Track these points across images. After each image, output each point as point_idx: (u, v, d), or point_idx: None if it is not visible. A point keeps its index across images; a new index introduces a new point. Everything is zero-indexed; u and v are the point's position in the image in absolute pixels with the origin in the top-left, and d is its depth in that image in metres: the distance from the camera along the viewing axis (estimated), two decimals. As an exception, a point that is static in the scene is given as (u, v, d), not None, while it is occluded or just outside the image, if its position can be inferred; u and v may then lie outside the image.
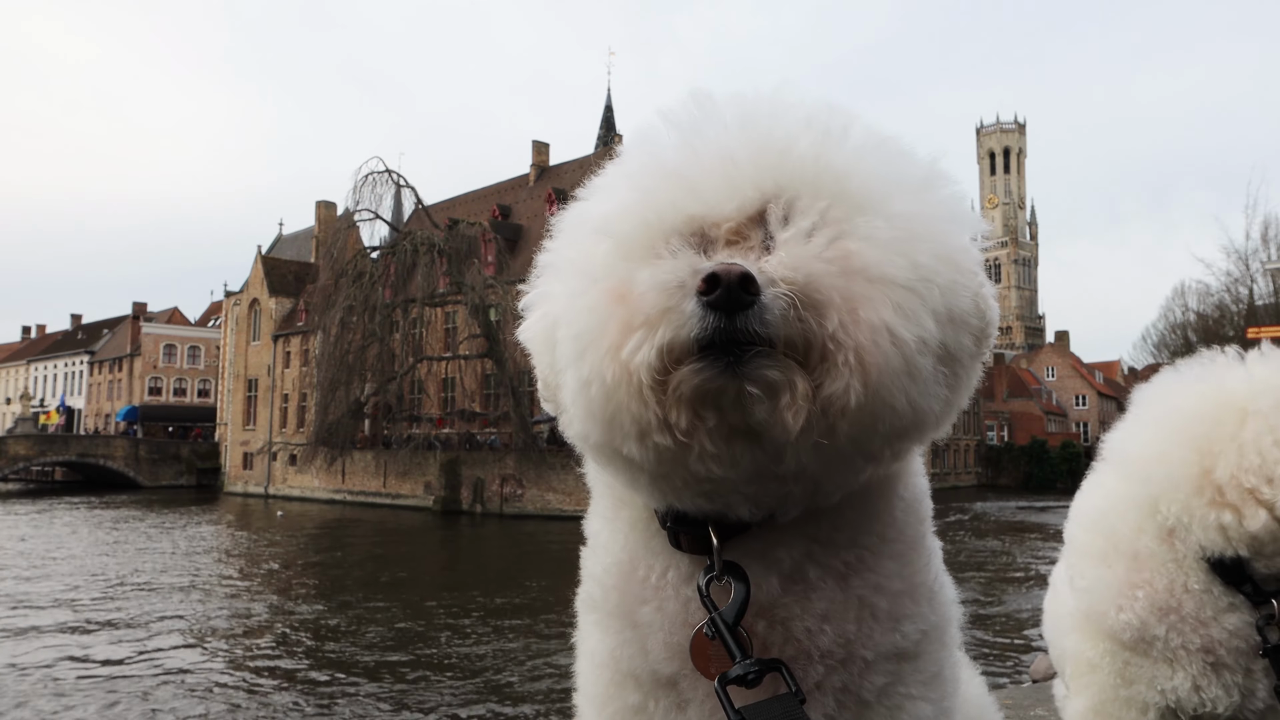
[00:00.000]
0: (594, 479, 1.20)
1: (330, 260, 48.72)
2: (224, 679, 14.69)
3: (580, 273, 0.99)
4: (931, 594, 1.12)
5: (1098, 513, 1.85)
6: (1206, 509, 1.58)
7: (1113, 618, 1.71)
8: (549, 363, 1.05)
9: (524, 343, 1.11)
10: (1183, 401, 1.66)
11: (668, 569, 1.08)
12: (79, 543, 32.34)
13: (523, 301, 1.12)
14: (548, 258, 1.09)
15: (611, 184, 1.06)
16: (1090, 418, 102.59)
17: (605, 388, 0.92)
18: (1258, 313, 57.58)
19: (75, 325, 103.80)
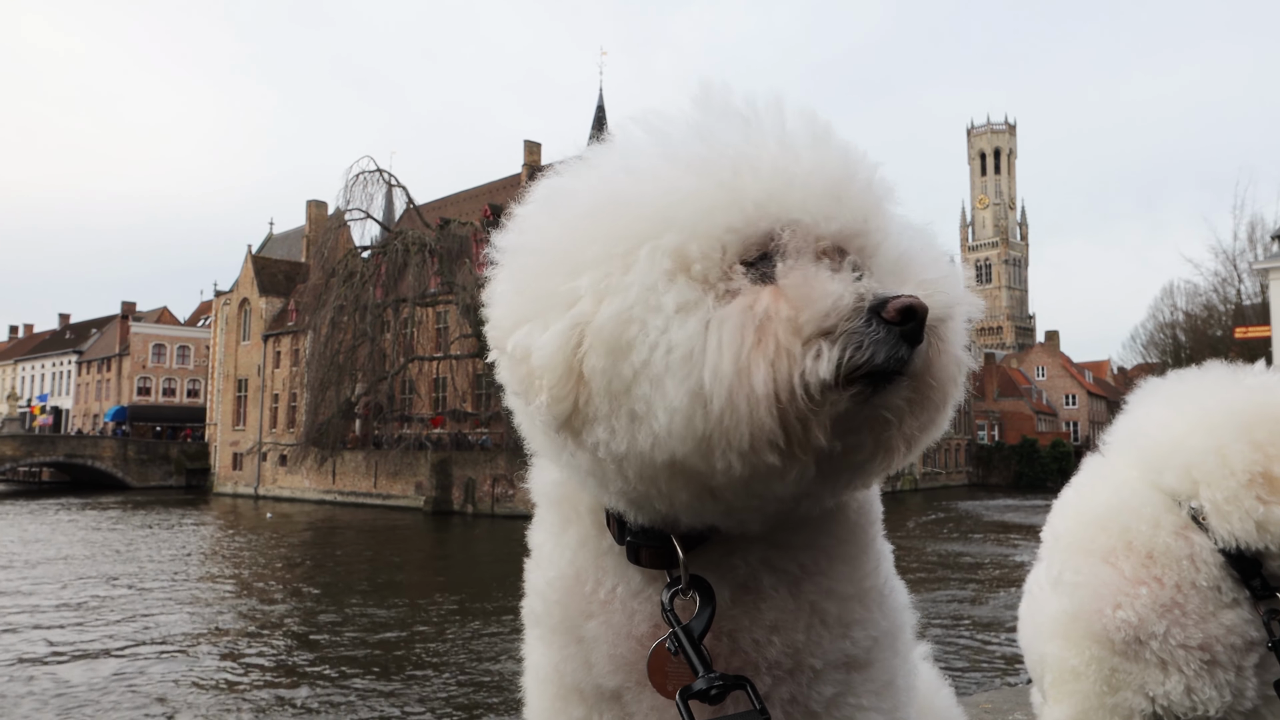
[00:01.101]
0: (541, 492, 1.19)
1: (321, 260, 48.58)
2: (212, 680, 14.63)
3: (648, 268, 0.89)
4: (882, 598, 1.10)
5: (1105, 507, 1.84)
6: (1255, 502, 1.60)
7: (1108, 616, 1.70)
8: (603, 372, 0.89)
9: (520, 353, 0.95)
10: (1237, 401, 1.70)
11: (617, 584, 1.06)
12: (64, 544, 32.15)
13: (500, 300, 1.00)
14: (546, 244, 0.98)
15: (652, 168, 0.95)
16: (1080, 417, 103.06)
17: (732, 400, 0.84)
18: (1245, 312, 57.98)
19: (63, 325, 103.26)
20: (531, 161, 58.86)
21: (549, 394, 0.91)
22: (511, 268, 1.02)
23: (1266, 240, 54.46)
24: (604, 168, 1.03)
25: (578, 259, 0.94)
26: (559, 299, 0.93)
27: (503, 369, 1.00)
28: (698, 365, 0.85)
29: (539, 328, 0.93)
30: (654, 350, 0.86)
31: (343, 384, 46.03)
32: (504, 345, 0.97)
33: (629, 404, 0.88)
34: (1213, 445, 1.66)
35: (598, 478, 0.96)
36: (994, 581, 25.09)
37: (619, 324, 0.88)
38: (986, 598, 22.60)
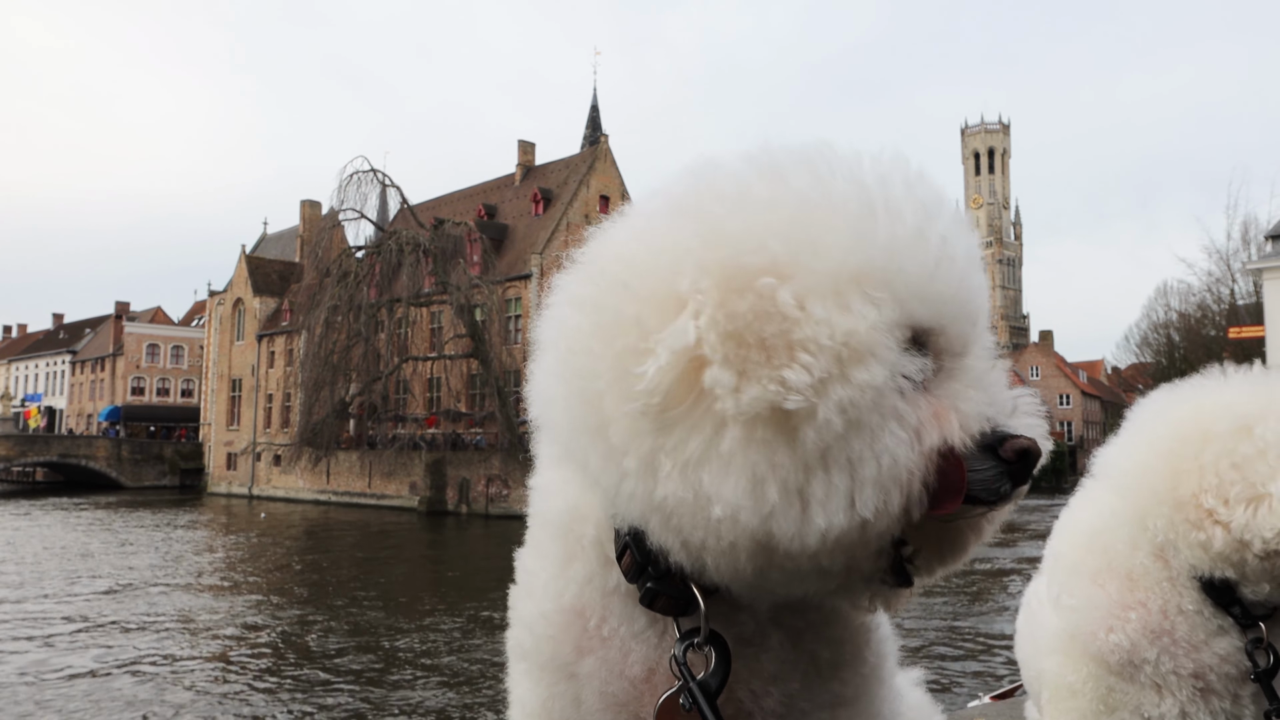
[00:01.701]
0: (546, 519, 1.09)
1: (315, 260, 48.54)
2: (204, 681, 14.60)
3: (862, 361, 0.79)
4: (869, 635, 1.07)
5: (1091, 529, 1.82)
6: (1187, 527, 1.58)
7: (1102, 639, 1.69)
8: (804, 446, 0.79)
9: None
10: (1168, 419, 1.68)
11: (620, 624, 1.02)
12: (57, 544, 32.06)
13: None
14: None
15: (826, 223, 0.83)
16: (1074, 417, 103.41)
17: (887, 505, 0.80)
18: (1239, 312, 58.20)
19: (57, 324, 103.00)
20: (525, 161, 58.84)
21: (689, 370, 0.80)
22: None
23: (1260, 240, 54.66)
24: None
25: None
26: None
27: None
28: (883, 462, 0.80)
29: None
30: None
31: (337, 384, 46.01)
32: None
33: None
34: (1143, 469, 1.65)
35: (660, 512, 0.84)
36: (985, 587, 25.13)
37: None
38: (978, 605, 22.65)
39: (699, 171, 0.91)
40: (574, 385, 0.86)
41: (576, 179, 52.86)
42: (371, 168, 47.41)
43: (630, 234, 0.91)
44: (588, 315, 0.86)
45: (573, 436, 0.88)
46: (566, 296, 0.91)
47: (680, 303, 0.80)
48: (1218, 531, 1.54)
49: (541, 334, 0.93)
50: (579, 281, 0.90)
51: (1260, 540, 1.50)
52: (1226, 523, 1.53)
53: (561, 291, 0.92)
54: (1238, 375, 1.69)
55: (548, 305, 0.94)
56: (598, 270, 0.89)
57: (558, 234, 50.66)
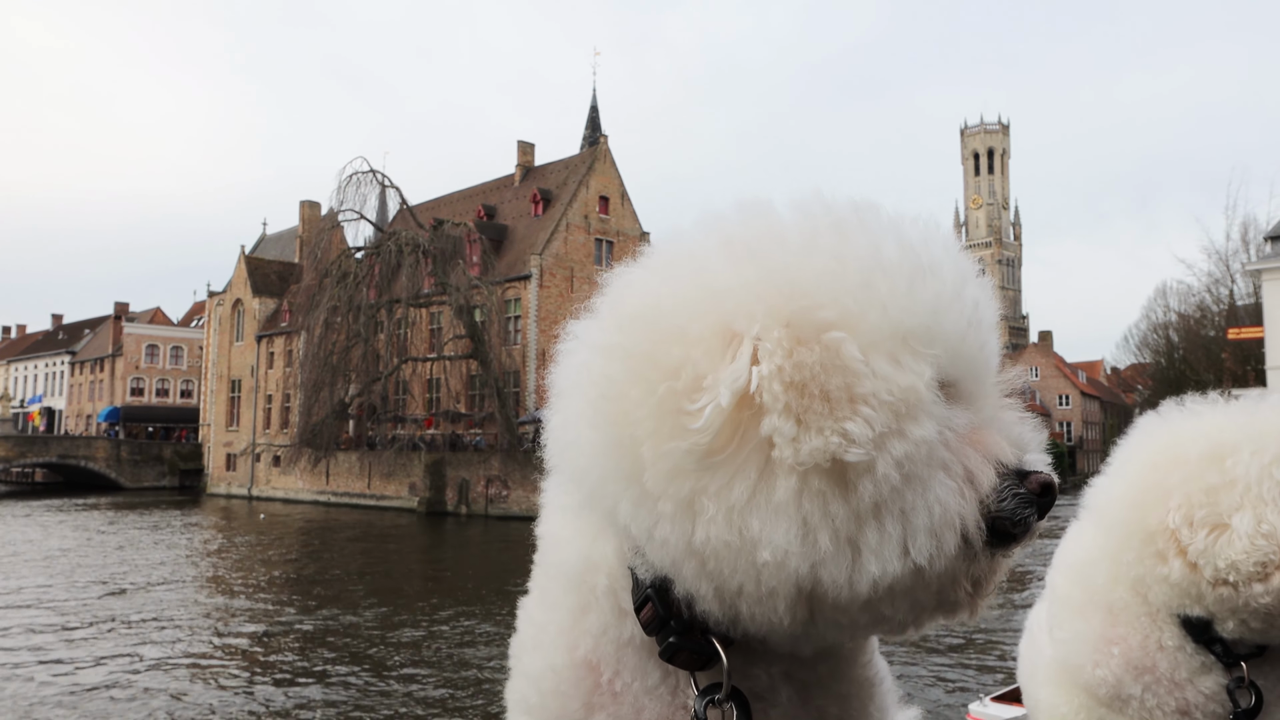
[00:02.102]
0: (558, 568, 1.04)
1: (314, 260, 48.53)
2: (204, 681, 14.60)
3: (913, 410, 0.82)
4: (874, 689, 1.06)
5: (1077, 562, 1.81)
6: (1154, 560, 1.55)
7: (1089, 672, 1.67)
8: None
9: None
10: (1142, 447, 1.66)
11: (634, 679, 0.99)
12: (56, 544, 32.06)
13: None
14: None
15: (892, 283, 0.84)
16: (1074, 417, 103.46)
17: (943, 550, 0.82)
18: (1238, 313, 58.22)
19: (56, 325, 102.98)
20: (525, 162, 58.87)
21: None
22: None
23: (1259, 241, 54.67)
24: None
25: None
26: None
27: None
28: (934, 511, 0.81)
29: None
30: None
31: (336, 385, 46.00)
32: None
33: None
34: (1132, 496, 1.61)
35: (696, 556, 0.83)
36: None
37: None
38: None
39: (752, 213, 0.90)
40: (607, 432, 0.84)
41: (576, 179, 52.88)
42: (371, 168, 47.44)
43: (670, 273, 0.88)
44: (620, 361, 0.84)
45: (602, 483, 0.86)
46: (590, 344, 0.89)
47: (734, 344, 0.80)
48: (1177, 563, 1.51)
49: (561, 382, 0.92)
50: (606, 330, 0.88)
51: (1212, 568, 1.47)
52: (1185, 548, 1.50)
53: (581, 339, 0.91)
54: (1225, 402, 1.64)
55: (563, 353, 0.93)
56: (628, 317, 0.86)
57: (557, 234, 50.68)
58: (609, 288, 0.93)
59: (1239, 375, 52.61)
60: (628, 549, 0.92)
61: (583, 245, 51.90)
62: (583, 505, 0.95)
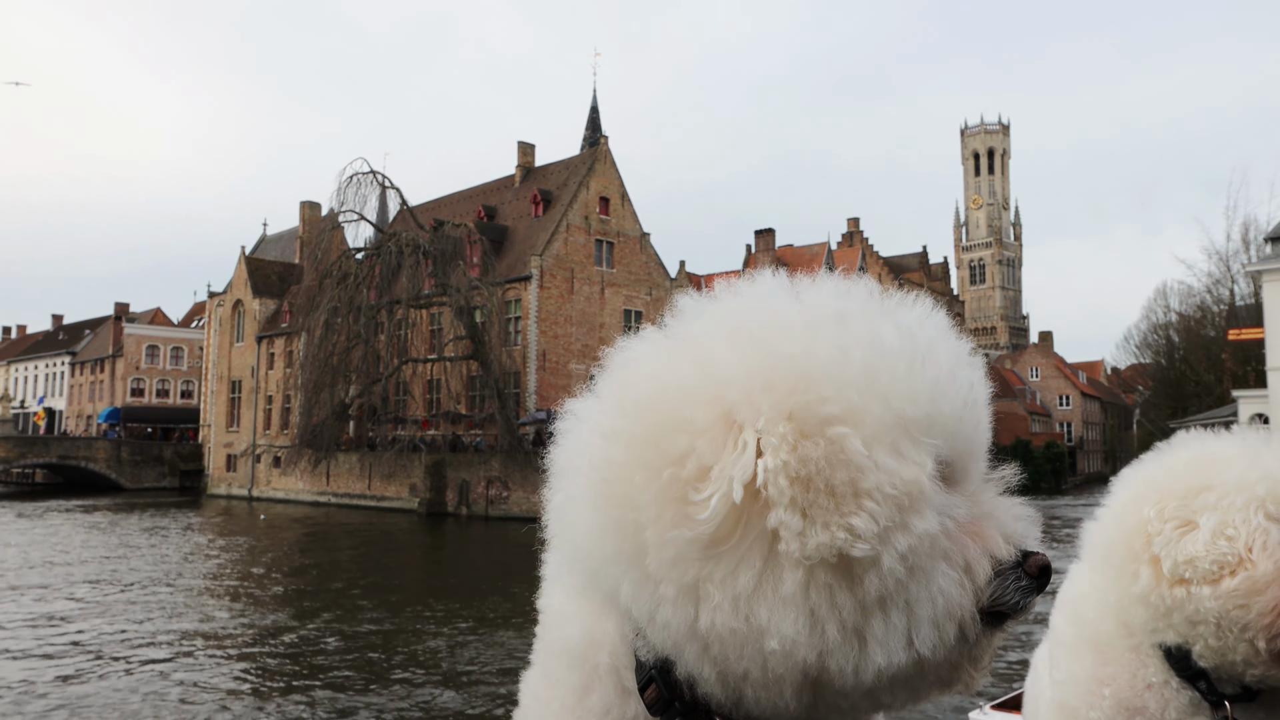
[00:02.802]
0: (559, 646, 1.04)
1: (314, 261, 48.55)
2: (199, 683, 14.59)
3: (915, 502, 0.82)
4: None
5: (1070, 600, 1.80)
6: (1129, 579, 1.54)
7: (1084, 715, 1.65)
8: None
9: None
10: (1132, 476, 1.65)
11: None
12: (58, 546, 32.07)
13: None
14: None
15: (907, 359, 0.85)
16: (1074, 418, 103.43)
17: (943, 638, 0.83)
18: (1238, 313, 58.24)
19: (56, 325, 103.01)
20: (525, 163, 58.90)
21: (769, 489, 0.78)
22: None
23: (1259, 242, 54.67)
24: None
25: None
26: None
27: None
28: (938, 602, 0.82)
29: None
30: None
31: (336, 386, 46.01)
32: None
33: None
34: (1115, 524, 1.60)
35: (699, 641, 0.83)
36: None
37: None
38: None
39: (758, 296, 0.90)
40: (608, 514, 0.84)
41: (576, 180, 52.89)
42: (371, 169, 47.43)
43: (674, 357, 0.86)
44: (624, 446, 0.83)
45: (603, 565, 0.86)
46: (592, 426, 0.87)
47: (738, 435, 0.80)
48: (1146, 570, 1.50)
49: (561, 462, 0.91)
50: (609, 413, 0.87)
51: (1171, 562, 1.47)
52: (1151, 540, 1.50)
53: (582, 420, 0.89)
54: (1225, 435, 1.61)
55: (563, 432, 0.91)
56: (632, 401, 0.85)
57: (557, 235, 50.70)
58: (612, 365, 0.91)
59: (1239, 376, 52.62)
60: (629, 629, 0.92)
61: (583, 246, 51.91)
62: (585, 585, 0.94)
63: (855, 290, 0.91)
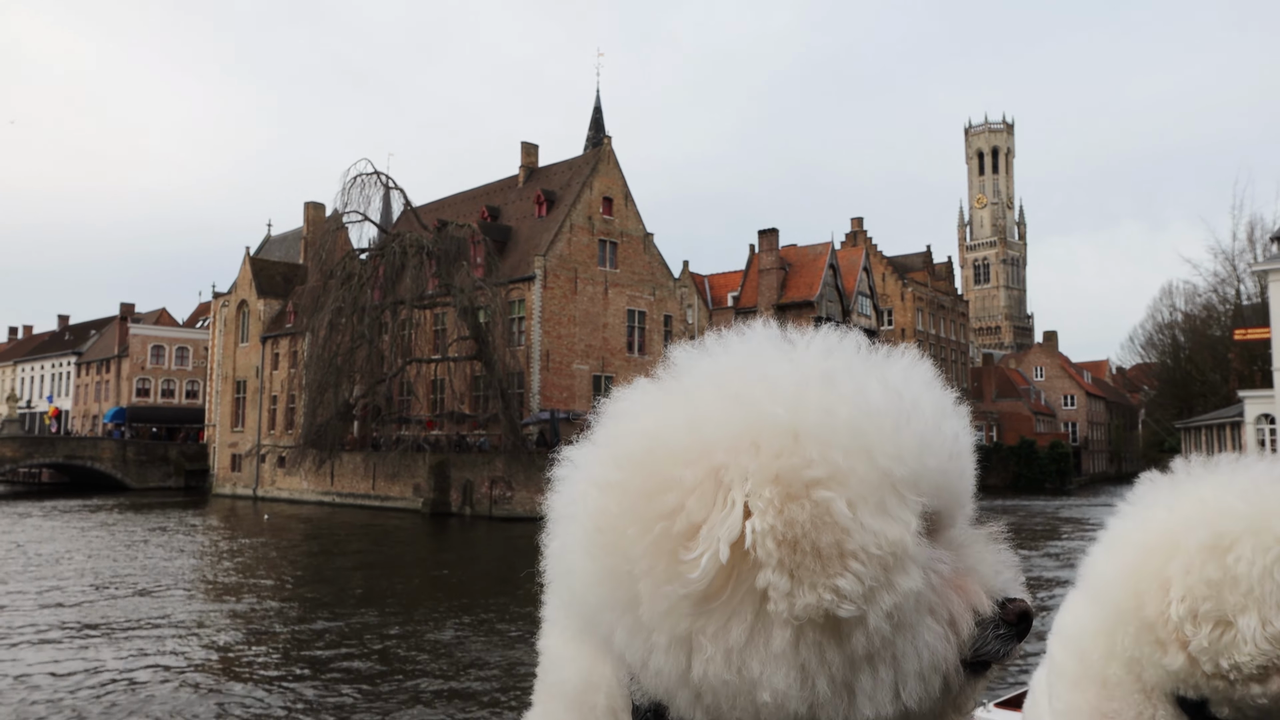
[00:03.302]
0: (558, 689, 1.06)
1: (319, 262, 48.59)
2: (200, 685, 14.61)
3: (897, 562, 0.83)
4: None
5: (1073, 635, 1.77)
6: (1152, 647, 1.48)
7: None
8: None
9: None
10: (1133, 524, 1.57)
11: None
12: (63, 545, 32.14)
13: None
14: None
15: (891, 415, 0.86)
16: (1079, 418, 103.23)
17: (928, 689, 0.84)
18: (1244, 313, 58.13)
19: (62, 326, 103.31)
20: (529, 163, 58.91)
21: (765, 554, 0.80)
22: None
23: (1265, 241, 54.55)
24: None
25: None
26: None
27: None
28: (924, 656, 0.84)
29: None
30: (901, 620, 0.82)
31: (341, 386, 46.05)
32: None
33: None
34: (1109, 581, 1.55)
35: (691, 689, 0.84)
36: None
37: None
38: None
39: (747, 354, 0.90)
40: (603, 562, 0.85)
41: (580, 181, 52.90)
42: (375, 170, 47.48)
43: (666, 413, 0.87)
44: (617, 498, 0.84)
45: (598, 611, 0.87)
46: (588, 476, 0.88)
47: (727, 494, 0.81)
48: (1179, 656, 1.44)
49: (560, 508, 0.92)
50: (604, 464, 0.87)
51: (1213, 665, 1.42)
52: (1187, 641, 1.43)
53: (579, 468, 0.90)
54: (1230, 469, 1.52)
55: (560, 478, 0.93)
56: (626, 453, 0.86)
57: (561, 236, 50.71)
58: (607, 414, 0.92)
59: (1245, 376, 52.50)
60: (624, 674, 0.93)
61: (586, 246, 51.91)
62: (581, 630, 0.96)
63: (843, 347, 0.91)
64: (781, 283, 64.12)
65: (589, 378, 51.09)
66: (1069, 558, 31.00)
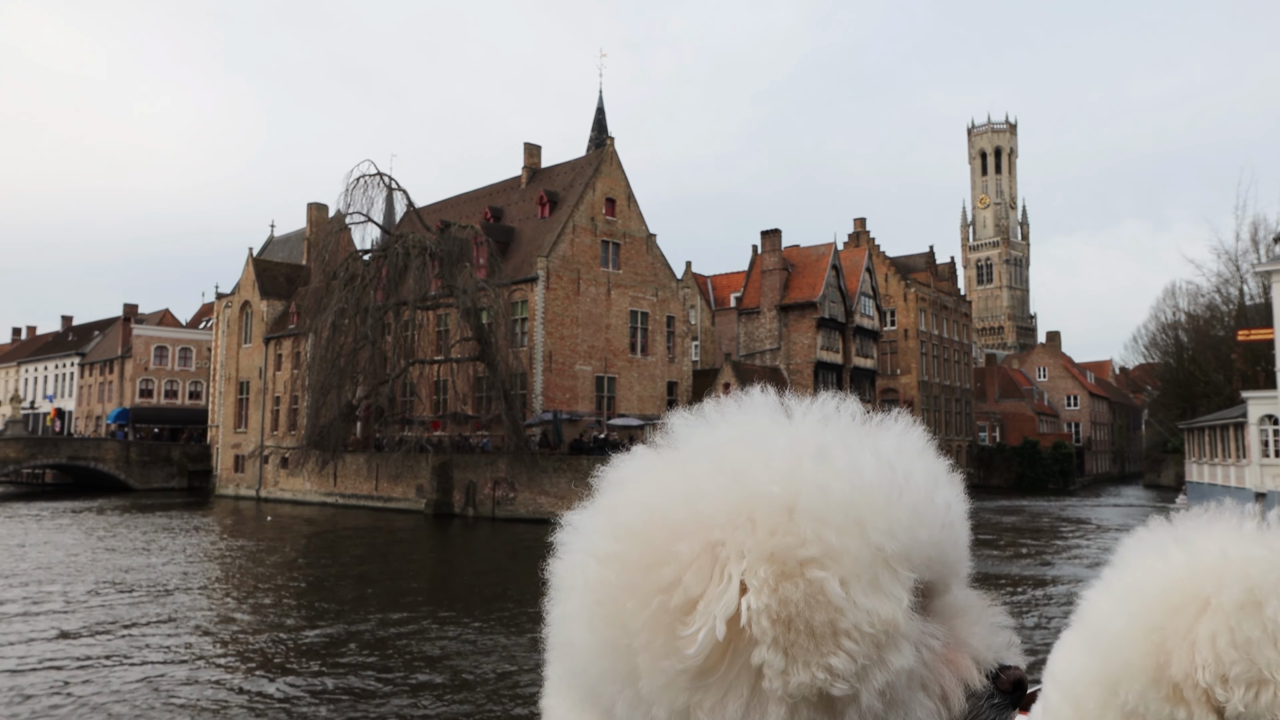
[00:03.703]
0: None
1: (322, 263, 48.65)
2: (202, 685, 14.63)
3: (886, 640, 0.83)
4: None
5: (1069, 681, 1.73)
6: (1162, 703, 1.42)
7: None
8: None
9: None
10: (1146, 577, 1.49)
11: None
12: (68, 546, 32.18)
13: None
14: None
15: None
16: (1082, 418, 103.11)
17: None
18: (1248, 313, 58.03)
19: (65, 327, 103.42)
20: (531, 164, 58.92)
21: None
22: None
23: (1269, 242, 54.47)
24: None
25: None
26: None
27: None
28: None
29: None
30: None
31: (343, 387, 46.07)
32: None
33: None
34: (1118, 634, 1.48)
35: None
36: (991, 590, 25.03)
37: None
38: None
39: (740, 425, 0.91)
40: (604, 635, 0.85)
41: (583, 182, 52.91)
42: (378, 171, 47.51)
43: (664, 485, 0.88)
44: (616, 571, 0.84)
45: (600, 682, 0.88)
46: (589, 548, 0.89)
47: (721, 568, 0.81)
48: (1210, 716, 1.36)
49: (560, 576, 0.92)
50: (603, 535, 0.88)
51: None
52: (1221, 705, 1.35)
53: (579, 536, 0.91)
54: (1243, 518, 1.46)
55: (561, 545, 0.93)
56: (624, 525, 0.86)
57: (564, 237, 50.72)
58: (608, 482, 0.92)
59: (1249, 376, 52.42)
60: None
61: (589, 247, 51.92)
62: (582, 700, 0.96)
63: (838, 418, 0.92)
64: (784, 283, 64.07)
65: (592, 379, 51.09)
66: (1070, 559, 30.99)
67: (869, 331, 68.03)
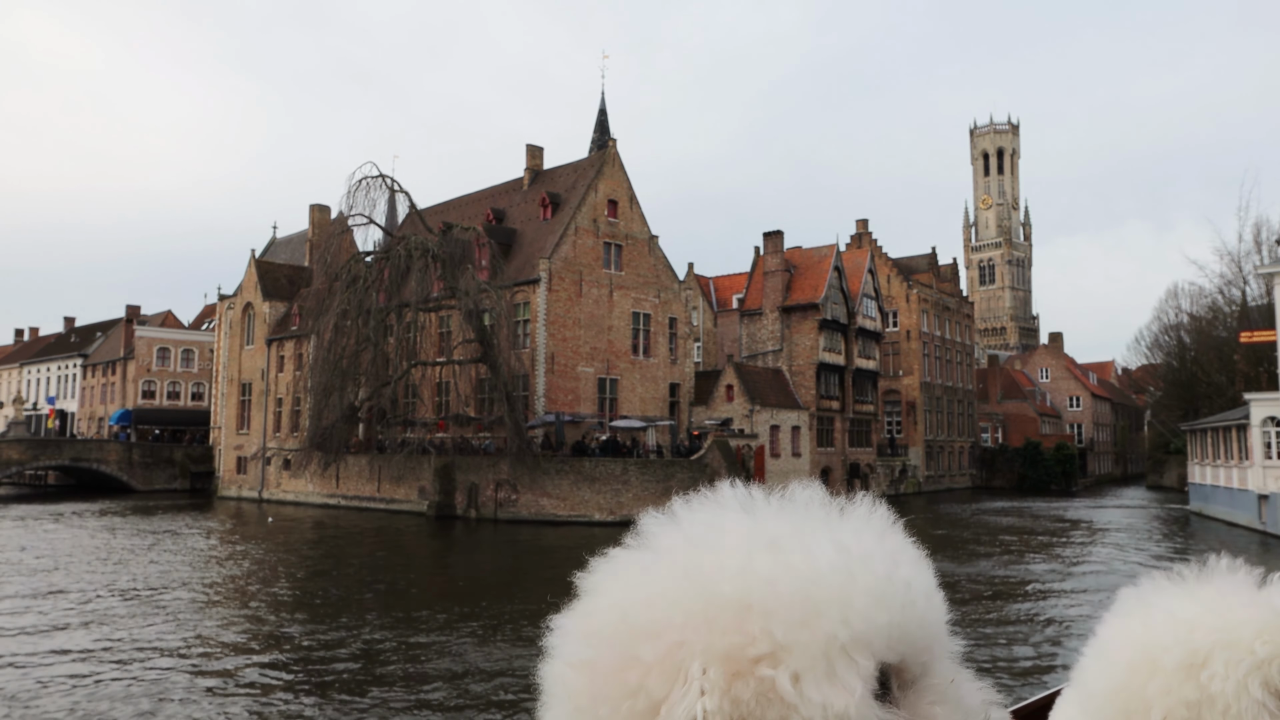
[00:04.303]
0: None
1: (324, 264, 48.68)
2: (202, 686, 14.64)
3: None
4: None
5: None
6: None
7: None
8: None
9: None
10: (1115, 638, 1.53)
11: None
12: (70, 547, 32.22)
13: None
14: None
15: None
16: (1084, 419, 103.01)
17: None
18: (1250, 314, 57.97)
19: (68, 328, 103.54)
20: (533, 165, 58.96)
21: None
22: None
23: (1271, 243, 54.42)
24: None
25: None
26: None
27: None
28: None
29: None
30: None
31: (346, 389, 46.11)
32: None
33: None
34: (1112, 698, 1.55)
35: None
36: (995, 589, 25.02)
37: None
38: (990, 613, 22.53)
39: (701, 522, 0.91)
40: None
41: (585, 183, 52.93)
42: (380, 173, 47.56)
43: (629, 589, 0.89)
44: (588, 678, 0.86)
45: None
46: (564, 654, 0.90)
47: (682, 669, 0.82)
48: None
49: (547, 684, 0.93)
50: (576, 640, 0.90)
51: None
52: None
53: (561, 640, 0.92)
54: (1195, 580, 1.48)
55: (551, 652, 0.93)
56: (594, 630, 0.88)
57: (566, 238, 50.74)
58: (583, 587, 0.93)
59: (1251, 378, 52.41)
60: None
61: (591, 249, 51.94)
62: None
63: (795, 507, 0.92)
64: (786, 285, 64.07)
65: (594, 380, 51.09)
66: (1072, 561, 30.95)
67: (871, 333, 67.99)
